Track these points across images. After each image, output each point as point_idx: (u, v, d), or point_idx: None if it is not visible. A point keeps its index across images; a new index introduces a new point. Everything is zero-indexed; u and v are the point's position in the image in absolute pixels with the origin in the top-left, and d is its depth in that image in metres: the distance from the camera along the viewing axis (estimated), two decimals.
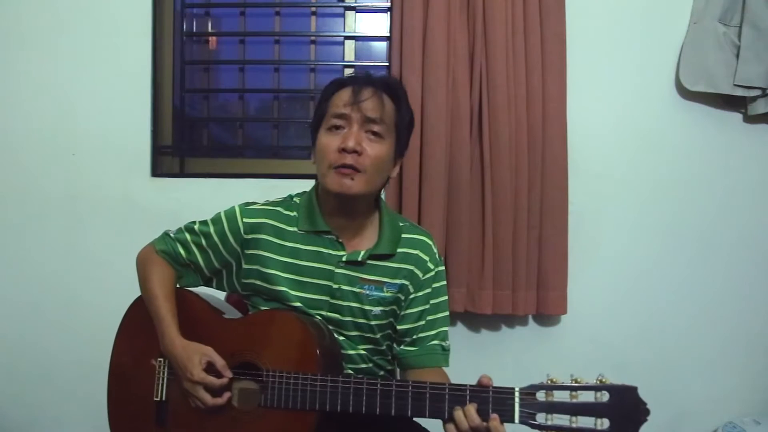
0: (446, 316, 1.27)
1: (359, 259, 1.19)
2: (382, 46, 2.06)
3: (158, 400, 1.20)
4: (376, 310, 1.20)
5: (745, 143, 1.88)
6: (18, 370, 1.97)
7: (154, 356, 1.21)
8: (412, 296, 1.23)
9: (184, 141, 2.05)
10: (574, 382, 0.94)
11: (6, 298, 1.96)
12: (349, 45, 2.06)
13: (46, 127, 1.94)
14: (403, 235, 1.24)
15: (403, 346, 1.24)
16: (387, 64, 1.93)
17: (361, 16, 2.07)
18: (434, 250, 1.26)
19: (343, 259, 1.19)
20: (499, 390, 0.98)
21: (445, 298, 1.27)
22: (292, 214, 1.22)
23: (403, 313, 1.23)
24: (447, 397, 1.00)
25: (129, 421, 1.23)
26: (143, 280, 1.24)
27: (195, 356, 1.11)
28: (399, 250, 1.22)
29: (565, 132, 1.80)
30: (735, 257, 1.89)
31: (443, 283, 1.27)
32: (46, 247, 1.94)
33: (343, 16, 2.07)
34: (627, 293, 1.89)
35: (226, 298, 1.42)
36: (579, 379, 0.94)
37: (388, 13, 1.93)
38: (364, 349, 1.23)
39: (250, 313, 1.25)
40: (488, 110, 1.76)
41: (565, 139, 1.80)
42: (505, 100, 1.75)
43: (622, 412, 0.92)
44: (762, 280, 1.89)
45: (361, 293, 1.19)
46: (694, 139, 1.88)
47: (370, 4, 2.05)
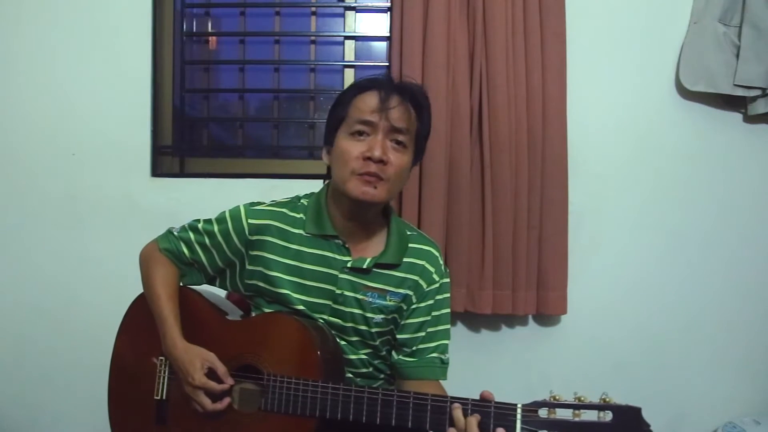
0: (447, 330, 1.25)
1: (364, 267, 1.18)
2: (382, 46, 2.06)
3: (158, 398, 1.20)
4: (378, 317, 1.20)
5: (745, 143, 1.88)
6: (18, 370, 1.96)
7: (155, 355, 1.21)
8: (414, 306, 1.22)
9: (184, 141, 2.05)
10: (578, 399, 0.93)
11: (6, 298, 1.96)
12: (349, 45, 2.06)
13: (46, 127, 1.93)
14: (410, 245, 1.23)
15: (401, 356, 1.23)
16: (387, 64, 1.93)
17: (361, 16, 2.07)
18: (440, 262, 1.26)
19: (348, 264, 1.18)
20: (501, 405, 0.97)
21: (448, 310, 1.26)
22: (299, 216, 1.21)
23: (403, 322, 1.22)
24: (449, 409, 0.99)
25: (129, 420, 1.24)
26: (146, 278, 1.24)
27: (197, 360, 1.11)
28: (405, 260, 1.21)
29: (565, 132, 1.80)
30: (735, 257, 1.89)
31: (447, 295, 1.26)
32: (46, 247, 1.94)
33: (343, 16, 2.07)
34: (627, 293, 1.89)
35: (228, 296, 1.42)
36: (582, 397, 0.93)
37: (388, 13, 1.93)
38: (365, 354, 1.23)
39: (252, 315, 1.25)
40: (488, 110, 1.76)
41: (565, 138, 1.80)
42: (505, 100, 1.75)
43: None
44: (762, 280, 1.89)
45: (364, 300, 1.19)
46: (694, 139, 1.88)
47: (370, 4, 2.05)
